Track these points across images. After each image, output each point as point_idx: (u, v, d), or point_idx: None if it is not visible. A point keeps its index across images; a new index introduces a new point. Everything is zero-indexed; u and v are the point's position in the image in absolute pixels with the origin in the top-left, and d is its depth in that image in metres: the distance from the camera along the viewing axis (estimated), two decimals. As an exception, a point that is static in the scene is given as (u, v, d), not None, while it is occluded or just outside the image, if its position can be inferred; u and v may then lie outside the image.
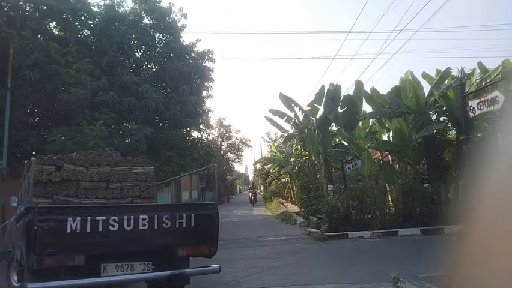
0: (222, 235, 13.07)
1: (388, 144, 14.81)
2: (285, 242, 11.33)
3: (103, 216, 4.03)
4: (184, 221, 4.43)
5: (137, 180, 5.47)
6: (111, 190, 5.37)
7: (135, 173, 5.49)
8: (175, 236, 4.41)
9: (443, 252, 0.71)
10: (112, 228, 4.06)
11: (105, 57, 15.16)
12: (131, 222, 4.16)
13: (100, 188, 5.31)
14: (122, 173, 5.43)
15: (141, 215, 4.23)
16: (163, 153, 15.85)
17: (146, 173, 5.60)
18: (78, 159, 5.33)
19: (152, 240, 4.30)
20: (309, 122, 18.05)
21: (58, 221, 3.91)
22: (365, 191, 13.27)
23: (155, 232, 4.27)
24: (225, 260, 9.12)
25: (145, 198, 5.54)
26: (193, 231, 4.49)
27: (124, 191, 5.39)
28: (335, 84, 16.62)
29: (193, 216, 4.51)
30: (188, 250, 4.51)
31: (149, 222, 4.24)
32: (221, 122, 41.83)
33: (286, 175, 28.96)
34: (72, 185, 5.19)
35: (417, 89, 14.41)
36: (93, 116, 13.16)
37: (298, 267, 7.98)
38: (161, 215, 4.36)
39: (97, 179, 5.28)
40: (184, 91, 16.42)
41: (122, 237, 4.14)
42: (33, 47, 12.58)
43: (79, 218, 3.92)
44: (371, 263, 8.02)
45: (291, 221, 15.74)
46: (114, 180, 5.34)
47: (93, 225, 3.98)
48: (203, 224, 4.61)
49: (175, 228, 4.36)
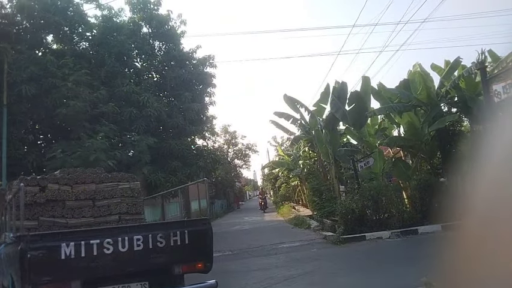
0: (234, 244, 12.74)
1: (400, 140, 14.24)
2: (300, 248, 10.79)
3: (97, 240, 3.94)
4: (179, 238, 4.34)
5: (124, 196, 5.33)
6: (98, 208, 5.20)
7: (121, 189, 5.34)
8: (170, 254, 4.31)
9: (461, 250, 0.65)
10: (106, 251, 3.96)
11: (104, 68, 14.81)
12: (125, 243, 4.05)
13: (86, 206, 5.14)
14: (108, 190, 5.28)
15: (135, 236, 4.13)
16: (168, 163, 15.44)
17: (133, 188, 5.44)
18: (62, 178, 5.13)
19: (148, 260, 4.19)
20: (315, 122, 17.52)
21: (52, 248, 3.80)
22: (380, 189, 12.70)
23: (150, 251, 4.17)
24: (237, 272, 8.63)
25: (132, 214, 5.39)
26: (188, 247, 4.41)
27: (111, 208, 5.24)
28: (341, 82, 16.10)
29: (187, 232, 4.41)
30: (184, 267, 4.42)
31: (143, 242, 4.14)
32: (226, 128, 41.50)
33: (295, 178, 28.40)
34: (57, 205, 5.01)
35: (427, 81, 13.85)
36: (93, 129, 12.78)
37: (317, 276, 7.44)
38: (155, 233, 4.25)
39: (83, 197, 5.12)
40: (186, 98, 16.02)
41: (118, 260, 4.02)
42: (28, 60, 12.23)
43: (72, 243, 3.82)
44: (395, 265, 7.46)
45: (305, 225, 15.18)
46: (100, 198, 5.19)
47: (87, 249, 3.87)
48: (197, 240, 4.53)
49: (169, 246, 4.27)
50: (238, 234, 16.06)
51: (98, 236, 4.01)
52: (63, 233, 4.13)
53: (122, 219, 5.31)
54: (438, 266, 0.83)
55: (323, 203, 16.22)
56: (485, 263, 0.66)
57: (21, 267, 3.72)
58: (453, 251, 0.74)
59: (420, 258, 7.54)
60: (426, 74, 14.29)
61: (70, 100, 12.23)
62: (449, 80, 13.73)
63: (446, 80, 14.01)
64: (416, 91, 13.85)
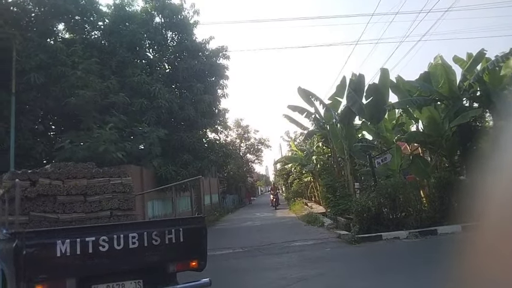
0: (245, 241, 12.35)
1: (421, 135, 13.61)
2: (313, 247, 10.32)
3: (93, 237, 3.90)
4: (173, 236, 4.32)
5: (115, 191, 5.25)
6: (89, 203, 5.11)
7: (113, 184, 5.27)
8: (165, 252, 4.31)
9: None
10: (102, 249, 3.93)
11: (115, 57, 14.50)
12: (121, 241, 4.02)
13: (77, 201, 5.04)
14: (99, 185, 5.20)
15: (130, 233, 4.09)
16: (179, 156, 15.11)
17: (124, 183, 5.37)
18: (53, 172, 5.03)
19: (143, 258, 4.18)
20: (331, 116, 16.98)
21: (47, 245, 3.77)
22: (398, 187, 12.15)
23: (146, 249, 4.16)
24: (248, 271, 8.23)
25: (124, 210, 5.31)
26: (183, 246, 4.40)
27: (103, 203, 5.15)
28: (358, 74, 15.52)
29: (182, 231, 4.39)
30: (179, 265, 4.41)
31: (139, 240, 4.11)
32: (239, 122, 41.10)
33: (308, 174, 27.88)
34: (49, 200, 4.90)
35: (450, 74, 13.21)
36: (103, 120, 12.49)
37: (332, 278, 6.99)
38: (151, 231, 4.23)
39: (74, 192, 5.01)
40: (198, 90, 15.64)
41: (113, 257, 3.99)
42: (37, 48, 11.95)
43: (68, 241, 3.77)
44: (416, 269, 6.96)
45: (318, 223, 14.67)
46: (92, 193, 5.11)
47: (83, 246, 3.84)
48: (192, 238, 4.54)
49: (164, 244, 4.26)
50: (249, 230, 15.66)
51: (94, 234, 3.96)
52: (58, 230, 4.10)
53: (114, 215, 5.24)
54: (461, 271, 0.65)
55: (337, 200, 15.72)
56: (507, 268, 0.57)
57: (16, 264, 3.69)
58: (475, 254, 0.65)
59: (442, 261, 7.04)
60: (448, 67, 13.63)
61: (79, 89, 11.96)
62: (472, 73, 13.08)
63: (469, 73, 13.35)
64: (438, 84, 13.23)
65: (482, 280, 0.62)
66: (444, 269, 5.85)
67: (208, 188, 26.55)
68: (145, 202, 13.60)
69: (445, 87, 13.07)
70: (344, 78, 16.47)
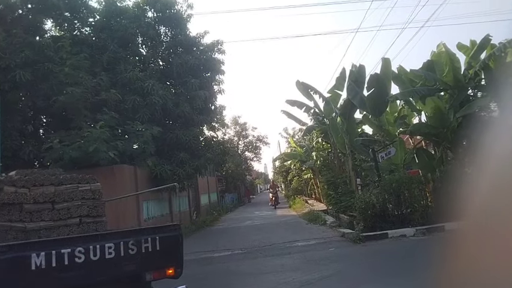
0: (245, 242, 11.83)
1: (425, 127, 13.09)
2: (316, 247, 9.81)
3: (68, 249, 3.81)
4: (150, 245, 4.25)
5: (84, 198, 5.05)
6: (57, 211, 4.87)
7: (81, 191, 5.06)
8: (142, 261, 4.22)
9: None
10: (78, 260, 3.84)
11: (106, 53, 13.93)
12: (97, 251, 3.93)
13: (45, 209, 4.78)
14: (67, 192, 4.96)
15: (106, 244, 4.01)
16: (175, 155, 14.56)
17: (93, 190, 5.15)
18: (19, 180, 4.77)
19: (120, 267, 4.08)
20: (331, 110, 16.45)
21: (21, 259, 3.64)
22: (402, 182, 11.66)
23: (122, 259, 4.07)
24: (248, 274, 7.71)
25: (94, 217, 5.09)
26: (159, 254, 4.33)
27: (71, 210, 4.92)
28: (358, 65, 15.00)
29: (158, 239, 4.31)
30: (155, 274, 4.33)
31: (115, 250, 4.02)
32: (236, 120, 40.59)
33: (308, 171, 27.36)
34: (15, 208, 4.66)
35: (455, 62, 12.68)
36: (94, 118, 11.94)
37: (339, 281, 6.49)
38: (127, 241, 4.14)
39: (42, 200, 4.75)
40: (193, 86, 15.09)
41: (89, 269, 3.89)
42: (23, 44, 11.37)
43: (43, 253, 3.67)
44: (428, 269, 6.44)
45: (320, 221, 14.13)
46: (60, 200, 4.88)
47: (59, 258, 3.74)
48: (168, 246, 4.46)
49: (141, 253, 4.18)
50: (249, 230, 15.14)
51: (69, 245, 3.86)
52: (33, 243, 3.95)
53: (83, 222, 5.00)
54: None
55: (339, 197, 15.23)
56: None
57: None
58: (486, 251, 0.56)
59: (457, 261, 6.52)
60: (453, 54, 13.10)
61: (68, 86, 11.40)
62: (477, 61, 12.57)
63: (474, 61, 12.84)
64: (442, 73, 12.72)
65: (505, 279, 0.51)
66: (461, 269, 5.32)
67: (206, 187, 26.02)
68: (140, 203, 13.08)
69: (450, 76, 12.56)
70: (343, 70, 15.97)
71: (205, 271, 8.45)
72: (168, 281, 4.45)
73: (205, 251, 10.77)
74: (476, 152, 0.67)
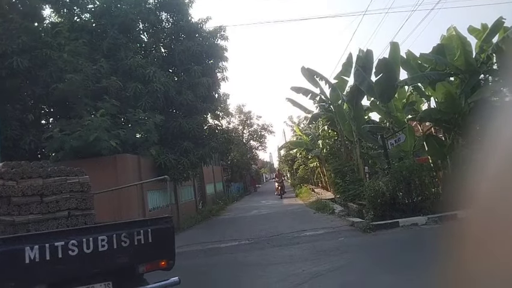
0: (252, 231, 11.56)
1: (436, 113, 12.67)
2: (325, 236, 9.50)
3: (62, 242, 3.84)
4: (142, 237, 4.31)
5: (73, 191, 5.08)
6: (46, 204, 4.86)
7: (70, 183, 5.08)
8: (134, 253, 4.29)
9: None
10: (71, 253, 3.85)
11: (106, 40, 13.55)
12: (90, 244, 3.96)
13: (33, 202, 4.77)
14: (56, 185, 4.96)
15: (99, 236, 4.05)
16: (179, 144, 14.27)
17: (82, 182, 5.19)
18: (7, 172, 4.73)
19: (113, 260, 4.14)
20: (337, 96, 16.05)
21: (15, 252, 3.67)
22: (413, 169, 11.31)
23: (115, 251, 4.13)
24: (255, 265, 7.43)
25: (82, 210, 5.11)
26: (151, 246, 4.39)
27: (60, 203, 4.93)
28: (366, 50, 14.53)
29: (150, 231, 4.38)
30: (148, 266, 4.40)
31: (108, 243, 4.07)
32: (241, 108, 40.18)
33: (314, 159, 27.01)
34: (2, 201, 4.63)
35: (466, 45, 12.21)
36: (95, 106, 11.64)
37: (350, 273, 6.19)
38: (120, 233, 4.18)
39: (30, 193, 4.74)
40: (195, 73, 14.71)
41: (83, 261, 3.94)
42: (20, 30, 11.02)
43: (37, 246, 3.69)
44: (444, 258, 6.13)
45: (328, 210, 13.81)
46: (48, 193, 4.88)
47: (52, 252, 3.77)
48: (160, 239, 4.53)
49: (133, 246, 4.24)
50: (255, 220, 14.87)
51: (63, 238, 3.88)
52: (27, 236, 3.95)
53: (72, 215, 5.00)
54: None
55: (347, 185, 14.91)
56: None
57: None
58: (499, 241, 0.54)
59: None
60: (464, 38, 12.62)
61: (67, 73, 11.09)
62: (490, 44, 12.10)
63: (486, 44, 12.36)
64: (453, 57, 12.27)
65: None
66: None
67: (211, 176, 25.78)
68: (145, 193, 12.82)
69: (461, 60, 12.11)
70: (350, 56, 15.54)
71: (212, 262, 8.21)
72: (161, 273, 4.45)
73: (212, 241, 10.53)
74: (489, 138, 0.62)
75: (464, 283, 0.55)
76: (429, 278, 3.80)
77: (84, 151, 10.83)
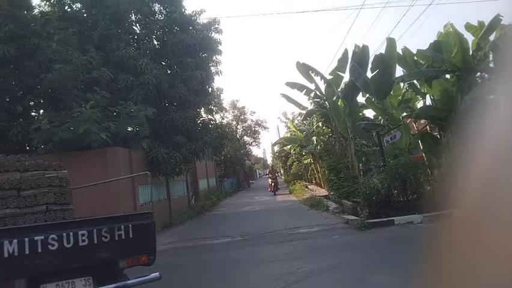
0: (245, 228, 11.34)
1: (433, 111, 12.53)
2: (320, 234, 9.33)
3: (42, 236, 3.82)
4: (123, 233, 4.30)
5: (51, 185, 5.01)
6: (23, 198, 4.81)
7: (48, 177, 5.01)
8: (115, 249, 4.28)
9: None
10: (51, 248, 3.84)
11: (97, 30, 13.21)
12: (70, 239, 3.95)
13: (10, 196, 4.73)
14: (33, 179, 4.91)
15: (80, 231, 4.02)
16: (171, 138, 14.00)
17: (60, 177, 5.14)
18: None
19: (93, 255, 4.14)
20: (333, 92, 15.85)
21: None
22: (408, 167, 11.18)
23: (95, 247, 4.13)
24: (248, 263, 7.24)
25: (61, 205, 5.05)
26: (132, 241, 4.38)
27: (38, 198, 4.87)
28: (362, 46, 14.32)
29: (131, 226, 4.36)
30: (129, 261, 4.40)
31: (88, 238, 4.06)
32: (234, 104, 39.90)
33: (308, 155, 26.84)
34: None
35: (464, 42, 12.08)
36: (85, 98, 11.32)
37: (346, 271, 6.02)
38: (100, 228, 4.17)
39: (7, 186, 4.69)
40: (188, 66, 14.43)
41: (63, 256, 3.93)
42: (7, 17, 10.66)
43: (16, 241, 3.69)
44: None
45: (322, 207, 13.64)
46: (26, 187, 4.81)
47: (32, 246, 3.75)
48: (141, 234, 4.50)
49: (114, 241, 4.23)
50: (249, 216, 14.68)
51: (43, 232, 3.85)
52: (6, 230, 4.01)
53: (50, 210, 4.94)
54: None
55: (341, 182, 14.74)
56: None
57: None
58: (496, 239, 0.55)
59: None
60: (461, 35, 12.50)
61: (56, 64, 10.76)
62: (487, 42, 11.99)
63: (483, 42, 12.24)
64: (450, 54, 12.12)
65: None
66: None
67: (205, 171, 25.53)
68: (136, 187, 12.56)
69: (459, 57, 11.97)
70: (345, 51, 15.35)
71: (204, 259, 8.01)
72: (142, 268, 4.42)
73: (204, 238, 10.32)
74: (482, 136, 0.63)
75: (459, 282, 0.54)
76: (425, 278, 3.56)
77: (73, 144, 10.53)
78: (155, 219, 4.80)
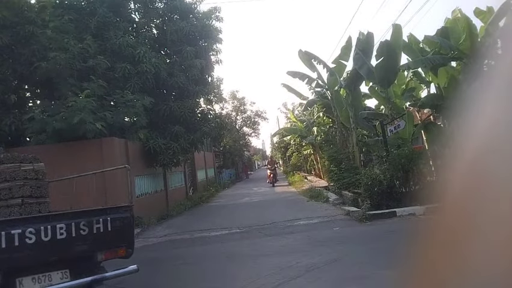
0: (243, 220, 11.12)
1: (439, 99, 12.21)
2: (319, 225, 9.09)
3: (19, 229, 3.79)
4: (101, 226, 4.32)
5: (27, 178, 4.94)
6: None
7: (24, 170, 4.94)
8: (93, 242, 4.30)
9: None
10: (29, 241, 3.82)
11: (94, 18, 12.84)
12: (48, 232, 3.94)
13: None
14: (9, 172, 4.83)
15: (58, 224, 4.03)
16: (169, 128, 13.72)
17: (36, 170, 5.06)
18: None
19: (71, 248, 4.16)
20: (335, 81, 15.52)
21: None
22: (412, 157, 10.91)
23: (74, 240, 4.13)
24: (246, 257, 6.99)
25: (37, 198, 5.01)
26: (110, 234, 4.41)
27: (13, 191, 4.80)
28: (366, 33, 13.97)
29: (110, 220, 4.40)
30: (107, 254, 4.41)
31: (66, 231, 4.06)
32: (234, 94, 39.48)
33: (308, 146, 26.55)
34: None
35: (472, 28, 11.72)
36: (81, 87, 11.02)
37: (348, 265, 5.78)
38: (78, 222, 4.18)
39: None
40: (188, 54, 14.08)
41: (40, 249, 3.92)
42: (0, 4, 10.33)
43: None
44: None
45: (322, 198, 13.38)
46: (1, 180, 4.77)
47: (8, 239, 3.72)
48: (119, 227, 4.51)
49: (92, 234, 4.25)
50: (247, 207, 14.45)
51: (20, 226, 3.81)
52: None
53: (26, 203, 4.89)
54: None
55: (342, 173, 14.49)
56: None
57: None
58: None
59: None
60: (470, 20, 12.13)
61: (51, 52, 10.45)
62: (496, 28, 11.63)
63: (492, 27, 11.88)
64: (459, 40, 11.78)
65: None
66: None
67: (203, 162, 25.28)
68: (132, 178, 12.29)
69: (467, 44, 11.64)
70: (349, 39, 14.97)
71: (201, 252, 7.77)
72: (120, 261, 4.42)
73: (201, 230, 10.08)
74: (491, 125, 0.51)
75: (462, 275, 0.45)
76: (428, 271, 3.24)
77: (68, 134, 10.27)
78: (133, 212, 4.80)
